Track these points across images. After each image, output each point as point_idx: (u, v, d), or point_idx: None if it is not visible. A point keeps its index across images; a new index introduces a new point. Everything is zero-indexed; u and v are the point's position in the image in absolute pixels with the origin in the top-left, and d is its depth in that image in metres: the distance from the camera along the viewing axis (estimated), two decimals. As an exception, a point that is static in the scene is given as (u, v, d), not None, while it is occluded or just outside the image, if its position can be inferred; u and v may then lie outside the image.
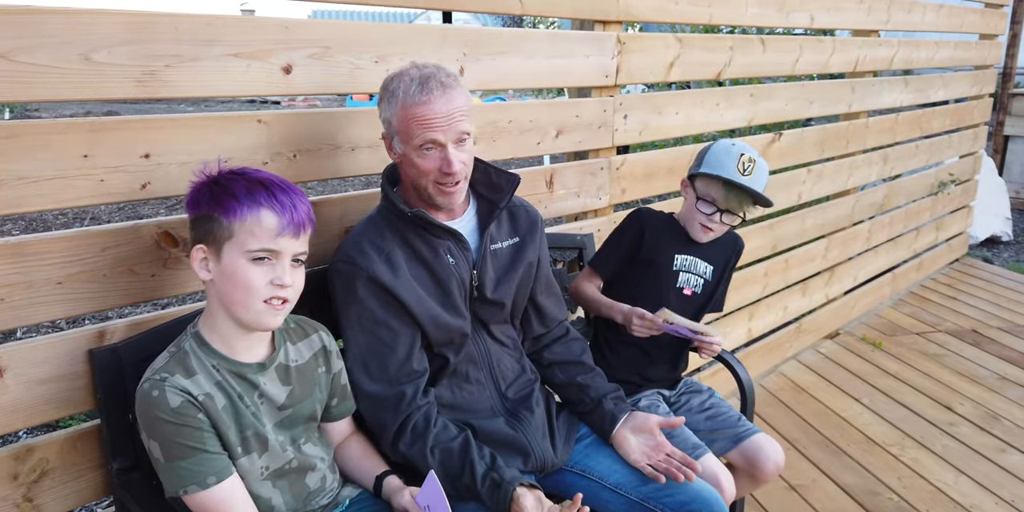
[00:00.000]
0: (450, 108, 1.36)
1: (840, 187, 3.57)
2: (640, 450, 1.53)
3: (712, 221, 1.80)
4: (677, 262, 1.86)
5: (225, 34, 1.40)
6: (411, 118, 1.36)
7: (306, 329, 1.36)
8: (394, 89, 1.39)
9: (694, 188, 1.82)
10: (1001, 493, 2.47)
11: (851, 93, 3.44)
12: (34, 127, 1.23)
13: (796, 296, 3.46)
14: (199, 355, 1.21)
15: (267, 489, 1.25)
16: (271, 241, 1.17)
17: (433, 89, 1.36)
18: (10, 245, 1.24)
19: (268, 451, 1.25)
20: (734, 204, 1.77)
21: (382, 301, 1.41)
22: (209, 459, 1.16)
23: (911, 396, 3.17)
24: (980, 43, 4.70)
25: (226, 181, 1.20)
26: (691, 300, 1.88)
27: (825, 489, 2.49)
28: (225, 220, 1.17)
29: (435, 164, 1.39)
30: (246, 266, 1.17)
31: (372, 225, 1.47)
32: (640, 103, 2.38)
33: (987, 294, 4.46)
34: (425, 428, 1.41)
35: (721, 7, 2.60)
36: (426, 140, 1.37)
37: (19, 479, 1.31)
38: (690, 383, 1.96)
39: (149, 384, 1.16)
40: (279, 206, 1.18)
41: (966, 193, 4.99)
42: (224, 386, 1.21)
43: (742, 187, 1.75)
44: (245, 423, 1.22)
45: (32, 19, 1.19)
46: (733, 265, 1.95)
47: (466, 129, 1.39)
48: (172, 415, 1.14)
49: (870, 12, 3.44)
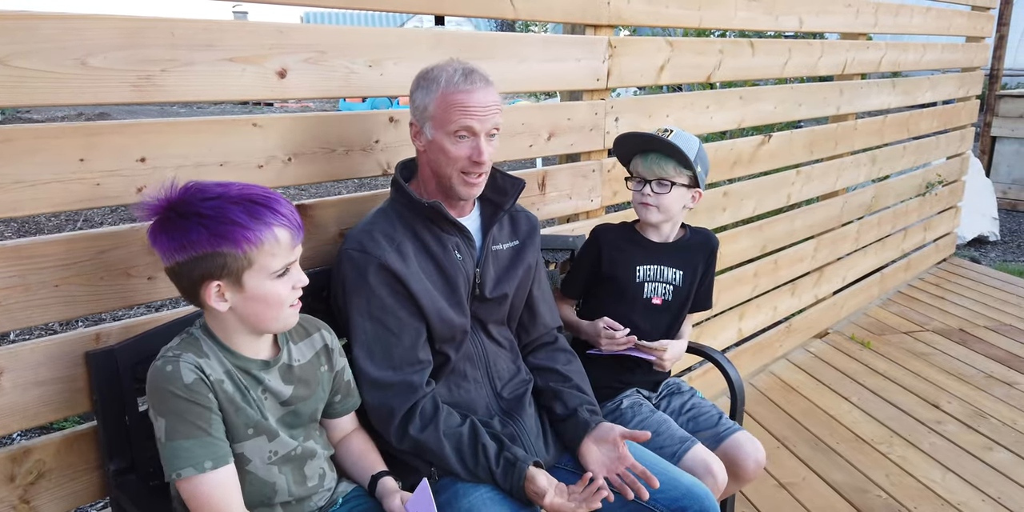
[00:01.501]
0: (489, 100, 1.43)
1: (829, 188, 3.60)
2: (600, 461, 1.51)
3: (645, 196, 1.79)
4: (640, 273, 1.86)
5: (220, 39, 1.41)
6: (452, 104, 1.41)
7: (308, 328, 1.36)
8: (435, 77, 1.43)
9: (628, 181, 1.86)
10: (988, 490, 2.50)
11: (840, 95, 3.48)
12: (31, 131, 1.24)
13: (786, 296, 3.49)
14: (209, 344, 1.22)
15: (273, 473, 1.27)
16: (289, 254, 1.18)
17: (476, 80, 1.43)
18: (7, 248, 1.25)
19: (279, 437, 1.26)
20: (653, 166, 1.77)
21: (392, 290, 1.43)
22: (211, 443, 1.16)
23: (899, 394, 3.20)
24: (967, 45, 4.75)
25: (211, 210, 1.12)
26: (662, 308, 1.88)
27: (814, 487, 2.52)
28: (241, 251, 1.13)
29: (465, 152, 1.43)
30: (272, 285, 1.17)
31: (383, 216, 1.49)
32: (631, 106, 2.40)
33: (974, 294, 4.51)
34: (434, 413, 1.43)
35: (711, 11, 2.63)
36: (463, 126, 1.41)
37: (16, 481, 1.32)
38: (672, 385, 1.97)
39: (163, 361, 1.17)
40: (284, 219, 1.17)
41: (953, 194, 5.04)
42: (232, 375, 1.22)
43: (652, 142, 1.76)
44: (250, 414, 1.23)
45: (28, 24, 1.20)
46: (711, 264, 1.94)
47: (499, 123, 1.46)
48: (184, 390, 1.14)
49: (858, 15, 3.47)
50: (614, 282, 1.85)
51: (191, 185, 1.17)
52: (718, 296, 2.03)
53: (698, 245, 1.92)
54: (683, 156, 1.75)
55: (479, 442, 1.42)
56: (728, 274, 3.02)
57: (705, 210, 2.79)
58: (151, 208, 1.16)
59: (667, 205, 1.80)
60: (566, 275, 1.97)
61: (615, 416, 1.80)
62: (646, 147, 1.80)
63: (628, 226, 1.92)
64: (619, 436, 1.51)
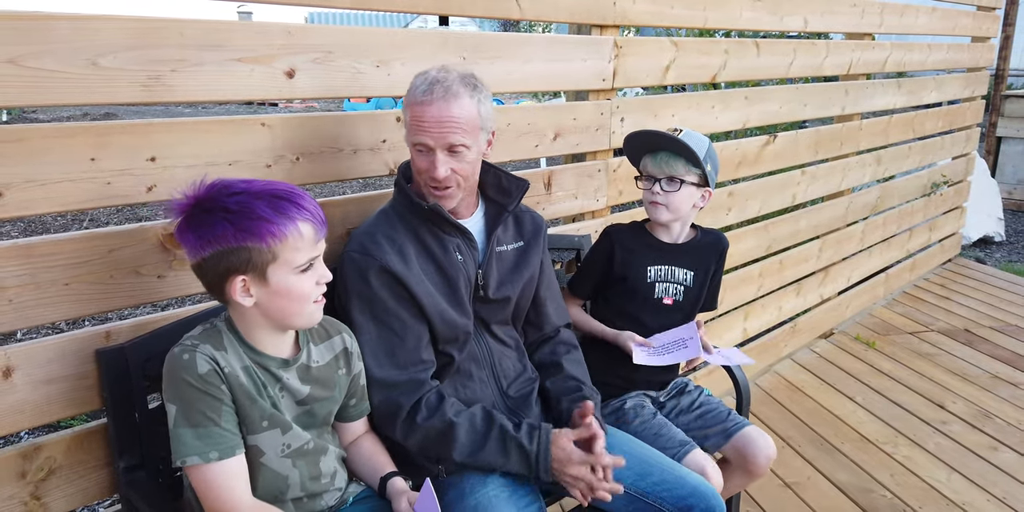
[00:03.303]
0: (444, 116, 1.37)
1: (834, 188, 3.60)
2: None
3: (655, 194, 1.80)
4: (651, 274, 1.86)
5: (229, 39, 1.42)
6: (411, 116, 1.41)
7: (329, 330, 1.37)
8: (411, 85, 1.43)
9: (639, 180, 1.87)
10: (993, 490, 2.50)
11: (845, 95, 3.48)
12: (42, 131, 1.25)
13: (791, 296, 3.49)
14: (230, 337, 1.23)
15: (286, 466, 1.28)
16: (312, 248, 1.19)
17: (435, 93, 1.38)
18: (18, 247, 1.26)
19: (292, 430, 1.27)
20: (663, 164, 1.78)
21: (394, 292, 1.43)
22: (220, 434, 1.17)
23: (904, 395, 3.20)
24: (972, 45, 4.74)
25: (236, 205, 1.14)
26: (673, 309, 1.88)
27: (819, 486, 2.52)
28: (265, 245, 1.14)
29: (424, 165, 1.43)
30: (296, 279, 1.18)
31: (384, 218, 1.50)
32: (636, 106, 2.41)
33: (979, 294, 4.50)
34: (439, 402, 1.44)
35: (716, 11, 2.63)
36: (416, 141, 1.41)
37: (27, 477, 1.33)
38: (680, 385, 1.97)
39: (180, 349, 1.18)
40: (308, 214, 1.18)
41: (959, 194, 5.03)
42: (250, 371, 1.23)
43: (662, 140, 1.77)
44: (264, 408, 1.24)
45: (40, 25, 1.21)
46: (720, 265, 1.95)
47: (458, 142, 1.39)
48: (198, 380, 1.16)
49: (863, 15, 3.47)
50: (625, 282, 1.86)
51: (216, 182, 1.19)
52: (723, 296, 2.03)
53: (708, 245, 1.93)
54: (692, 154, 1.75)
55: (494, 420, 1.43)
56: (733, 274, 3.02)
57: (710, 210, 2.79)
58: (178, 206, 1.18)
59: (677, 204, 1.80)
60: (575, 274, 1.97)
61: (618, 416, 1.81)
62: (656, 146, 1.81)
63: (639, 226, 1.93)
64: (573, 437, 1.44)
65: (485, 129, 1.45)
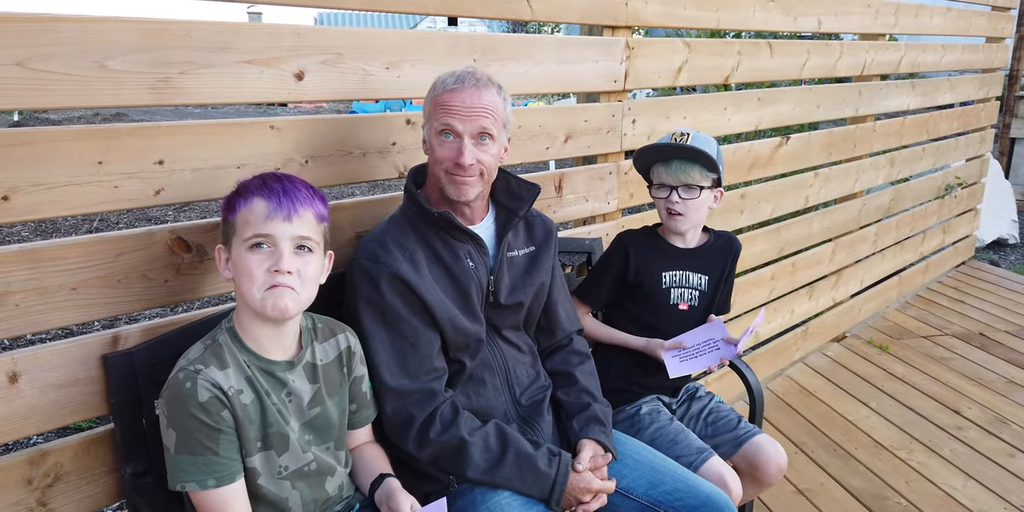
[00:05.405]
0: (476, 102, 1.40)
1: (847, 190, 3.57)
2: None
3: (672, 202, 1.78)
4: (666, 279, 1.84)
5: (238, 41, 1.41)
6: (439, 104, 1.42)
7: (333, 329, 1.37)
8: (438, 81, 1.45)
9: (652, 189, 1.85)
10: (1011, 498, 2.46)
11: (858, 97, 3.44)
12: (49, 134, 1.24)
13: (803, 299, 3.45)
14: (232, 349, 1.22)
15: (285, 489, 1.26)
16: (262, 225, 1.18)
17: (465, 81, 1.41)
18: (25, 251, 1.25)
19: (289, 451, 1.25)
20: (678, 173, 1.76)
21: (405, 299, 1.42)
22: (217, 462, 1.17)
23: (918, 400, 3.16)
24: (987, 46, 4.69)
25: (242, 183, 1.24)
26: (688, 314, 1.86)
27: (833, 493, 2.49)
28: (231, 217, 1.22)
29: (449, 154, 1.41)
30: (245, 255, 1.19)
31: (395, 225, 1.48)
32: (648, 108, 2.38)
33: (994, 297, 4.46)
34: (454, 417, 1.42)
35: (728, 12, 2.60)
36: (444, 124, 1.41)
37: (33, 483, 1.31)
38: (692, 390, 1.95)
39: (184, 374, 1.17)
40: (267, 191, 1.21)
41: (973, 196, 4.98)
42: (253, 382, 1.22)
43: (675, 149, 1.75)
44: (269, 421, 1.22)
45: (47, 27, 1.20)
46: (733, 267, 1.93)
47: (487, 128, 1.41)
48: (198, 409, 1.15)
49: (877, 16, 3.44)
50: (641, 289, 1.84)
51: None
52: (734, 299, 2.01)
53: (721, 248, 1.91)
54: (708, 159, 1.74)
55: (510, 438, 1.42)
56: (745, 277, 3.00)
57: (722, 212, 2.77)
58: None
59: (694, 210, 1.79)
60: (583, 282, 1.94)
61: (633, 422, 1.78)
62: (668, 154, 1.78)
63: (651, 231, 1.91)
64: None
65: (507, 128, 1.49)
